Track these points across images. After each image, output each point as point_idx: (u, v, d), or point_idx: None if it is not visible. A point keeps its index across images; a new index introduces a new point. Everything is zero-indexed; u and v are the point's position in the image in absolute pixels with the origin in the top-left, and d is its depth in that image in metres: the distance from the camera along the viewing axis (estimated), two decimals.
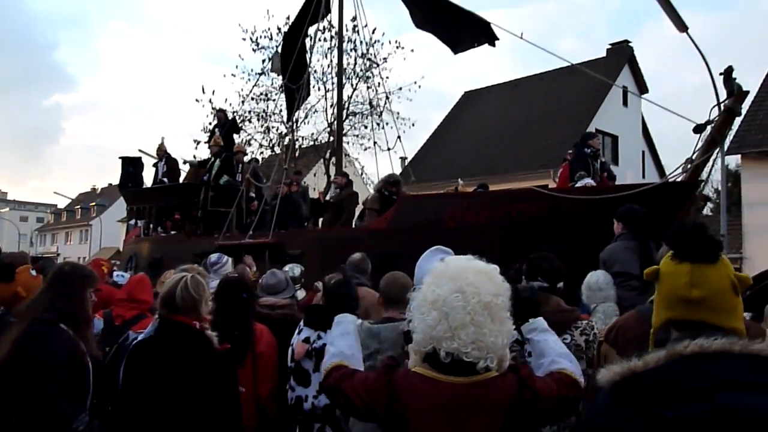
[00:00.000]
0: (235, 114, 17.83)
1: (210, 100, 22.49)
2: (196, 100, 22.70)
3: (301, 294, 5.47)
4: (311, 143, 23.61)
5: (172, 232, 13.03)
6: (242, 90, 23.16)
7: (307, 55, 11.98)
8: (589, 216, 6.25)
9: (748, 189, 19.16)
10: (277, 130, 23.85)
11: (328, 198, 11.96)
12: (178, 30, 79.65)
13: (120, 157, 14.15)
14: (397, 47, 22.35)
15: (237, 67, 23.74)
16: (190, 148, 22.98)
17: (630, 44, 26.32)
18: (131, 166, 13.98)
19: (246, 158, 13.97)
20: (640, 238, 4.50)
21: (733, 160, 20.51)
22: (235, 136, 14.27)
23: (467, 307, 1.81)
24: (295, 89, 11.60)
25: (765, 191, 18.32)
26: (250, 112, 22.93)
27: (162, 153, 13.48)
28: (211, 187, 11.34)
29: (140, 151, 15.10)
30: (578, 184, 7.66)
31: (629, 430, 1.42)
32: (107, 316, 4.54)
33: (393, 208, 8.01)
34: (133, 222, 14.70)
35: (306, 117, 23.69)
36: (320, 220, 11.79)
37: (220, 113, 14.70)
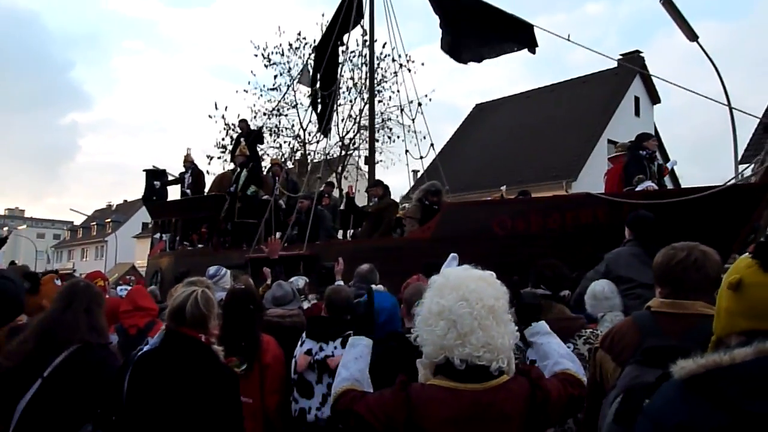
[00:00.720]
0: (258, 126, 17.65)
1: (223, 116, 22.77)
2: (209, 116, 22.97)
3: (305, 305, 5.50)
4: (323, 157, 23.75)
5: (199, 246, 12.63)
6: (254, 105, 23.38)
7: (340, 64, 11.69)
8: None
9: None
10: (288, 144, 24.02)
11: (365, 208, 11.45)
12: (191, 47, 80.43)
13: (144, 170, 14.02)
14: (408, 60, 22.47)
15: (249, 83, 23.90)
16: (204, 163, 23.10)
17: (641, 54, 26.24)
18: (155, 178, 13.77)
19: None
20: (646, 245, 4.46)
21: (750, 169, 20.30)
22: (259, 146, 14.27)
23: (473, 313, 1.88)
24: (326, 96, 11.42)
25: None
26: (262, 126, 23.14)
27: (188, 164, 13.31)
28: (238, 198, 11.04)
29: (154, 167, 15.21)
30: (638, 188, 7.11)
31: (710, 424, 1.41)
32: (119, 329, 4.62)
33: (436, 217, 7.72)
34: (158, 236, 14.30)
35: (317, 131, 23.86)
36: (349, 232, 11.61)
37: (242, 123, 14.61)
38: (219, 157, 22.64)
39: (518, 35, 9.12)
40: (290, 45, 23.12)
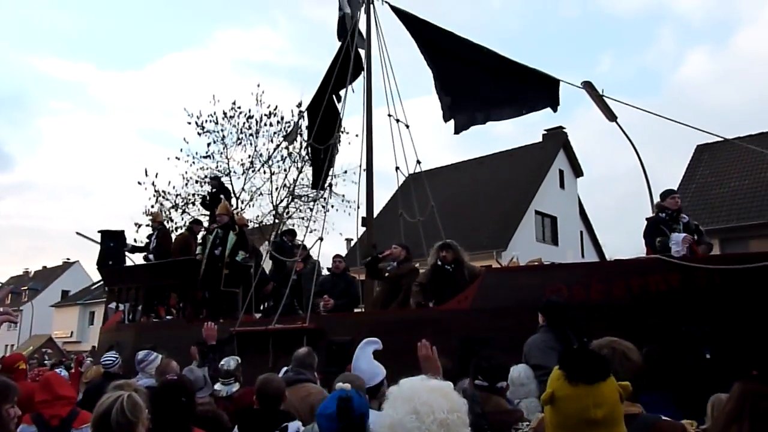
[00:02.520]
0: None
1: (153, 183, 22.30)
2: (139, 183, 22.46)
3: (235, 388, 5.27)
4: (256, 226, 23.48)
5: (167, 318, 11.13)
6: (186, 173, 23.01)
7: (340, 112, 10.38)
8: (734, 290, 5.35)
9: None
10: None
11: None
12: (121, 110, 78.73)
13: (99, 231, 12.54)
14: (342, 131, 22.86)
15: (181, 149, 23.58)
16: (131, 230, 22.39)
17: (564, 130, 27.63)
18: (112, 240, 12.22)
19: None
20: (556, 331, 4.56)
21: None
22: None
23: (422, 427, 1.78)
24: (322, 150, 10.24)
25: None
26: (194, 194, 22.81)
27: (157, 225, 12.18)
28: (226, 264, 9.75)
29: (78, 234, 14.56)
30: (674, 252, 6.39)
31: None
32: (38, 419, 4.31)
33: (475, 284, 6.76)
34: (113, 306, 12.41)
35: (251, 200, 23.71)
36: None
37: (214, 180, 13.47)
38: (148, 225, 22.01)
39: (538, 92, 8.20)
40: (224, 113, 23.13)
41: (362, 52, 10.26)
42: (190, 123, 23.03)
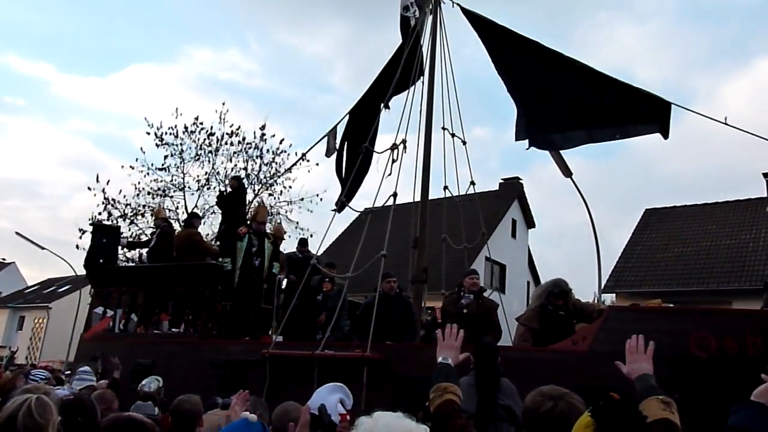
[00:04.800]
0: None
1: (103, 190, 21.75)
2: (89, 188, 21.89)
3: (155, 412, 5.01)
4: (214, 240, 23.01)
5: (172, 330, 9.51)
6: (139, 183, 22.52)
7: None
8: None
9: None
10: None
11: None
12: (78, 113, 76.23)
13: (91, 224, 11.70)
14: (302, 159, 22.81)
15: (137, 159, 23.09)
16: (74, 237, 21.76)
17: (520, 181, 28.14)
18: (105, 236, 10.80)
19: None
20: (480, 374, 4.44)
21: (609, 298, 21.73)
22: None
23: None
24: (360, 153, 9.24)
25: None
26: (144, 206, 22.32)
27: (160, 221, 10.93)
28: (265, 278, 8.75)
29: (18, 234, 14.01)
30: None
31: None
32: None
33: (598, 323, 5.82)
34: (99, 310, 10.61)
35: (203, 216, 23.38)
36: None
37: (234, 181, 12.17)
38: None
39: (640, 115, 7.12)
40: (186, 128, 22.82)
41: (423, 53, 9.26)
42: (149, 133, 22.66)
